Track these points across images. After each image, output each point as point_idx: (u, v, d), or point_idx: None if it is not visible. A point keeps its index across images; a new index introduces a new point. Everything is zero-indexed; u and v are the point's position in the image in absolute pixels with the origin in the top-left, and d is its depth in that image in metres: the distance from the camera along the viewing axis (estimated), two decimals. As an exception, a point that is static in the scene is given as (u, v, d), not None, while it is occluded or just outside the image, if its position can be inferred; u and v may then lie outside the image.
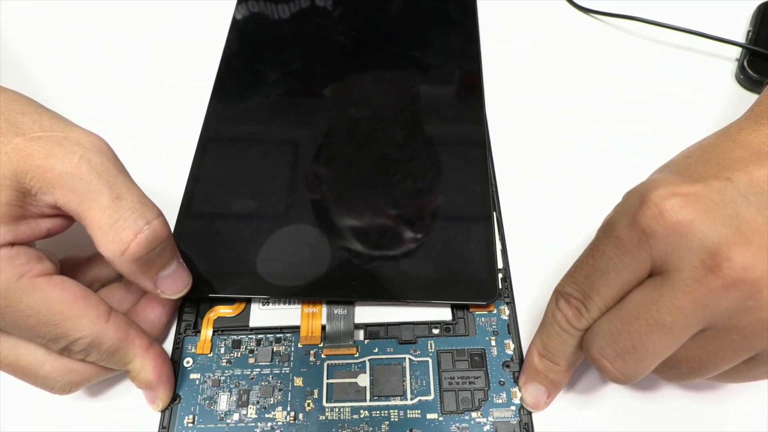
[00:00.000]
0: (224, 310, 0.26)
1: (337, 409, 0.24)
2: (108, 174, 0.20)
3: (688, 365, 0.19)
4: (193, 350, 0.25)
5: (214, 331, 0.25)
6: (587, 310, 0.20)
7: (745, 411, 0.24)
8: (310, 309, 0.25)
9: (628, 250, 0.19)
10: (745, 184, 0.18)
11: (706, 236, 0.18)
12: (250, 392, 0.24)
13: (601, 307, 0.20)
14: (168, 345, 0.25)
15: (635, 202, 0.19)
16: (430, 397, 0.24)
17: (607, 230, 0.20)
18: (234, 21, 0.36)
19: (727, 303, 0.17)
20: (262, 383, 0.24)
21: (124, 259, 0.20)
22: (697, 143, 0.22)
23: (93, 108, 0.33)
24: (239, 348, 0.25)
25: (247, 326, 0.25)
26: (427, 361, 0.25)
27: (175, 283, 0.23)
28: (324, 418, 0.23)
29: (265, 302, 0.26)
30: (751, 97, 0.32)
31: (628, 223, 0.19)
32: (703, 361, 0.19)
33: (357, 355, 0.25)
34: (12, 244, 0.20)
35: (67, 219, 0.21)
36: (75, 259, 0.25)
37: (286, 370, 0.24)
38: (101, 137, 0.21)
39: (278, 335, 0.25)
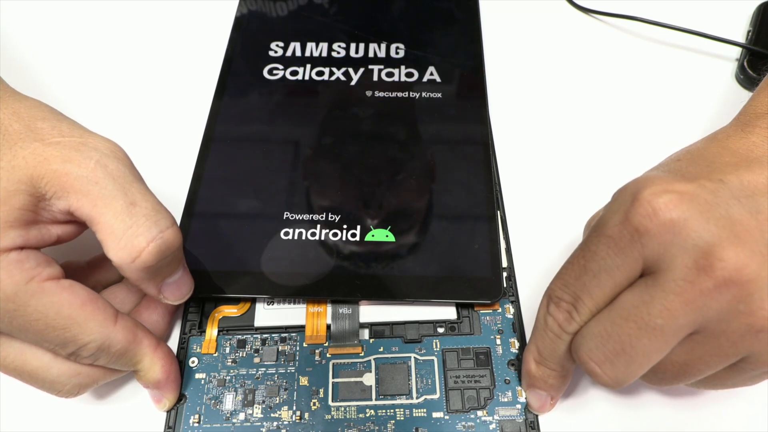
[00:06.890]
0: (229, 310, 0.26)
1: (342, 409, 0.24)
2: (124, 180, 0.20)
3: (673, 370, 0.19)
4: (198, 350, 0.25)
5: (219, 331, 0.25)
6: (578, 312, 0.19)
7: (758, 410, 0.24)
8: (315, 308, 0.25)
9: (621, 250, 0.18)
10: (737, 186, 0.18)
11: (699, 236, 0.17)
12: (256, 392, 0.24)
13: (591, 309, 0.19)
14: (173, 345, 0.25)
15: (627, 200, 0.19)
16: (436, 396, 0.24)
17: (598, 229, 0.19)
18: (236, 20, 0.35)
19: (719, 305, 0.17)
20: (268, 383, 0.24)
21: (134, 266, 0.20)
22: (685, 148, 0.22)
23: (95, 108, 0.33)
24: (244, 348, 0.25)
25: (252, 326, 0.25)
26: (433, 360, 0.25)
27: (179, 289, 0.23)
28: (330, 417, 0.23)
29: (270, 302, 0.26)
30: (751, 97, 0.32)
31: (620, 221, 0.18)
32: (688, 367, 0.19)
33: (362, 354, 0.25)
34: (22, 248, 0.19)
35: (78, 226, 0.21)
36: (75, 264, 0.25)
37: (292, 369, 0.24)
38: (118, 144, 0.21)
39: (283, 335, 0.25)
